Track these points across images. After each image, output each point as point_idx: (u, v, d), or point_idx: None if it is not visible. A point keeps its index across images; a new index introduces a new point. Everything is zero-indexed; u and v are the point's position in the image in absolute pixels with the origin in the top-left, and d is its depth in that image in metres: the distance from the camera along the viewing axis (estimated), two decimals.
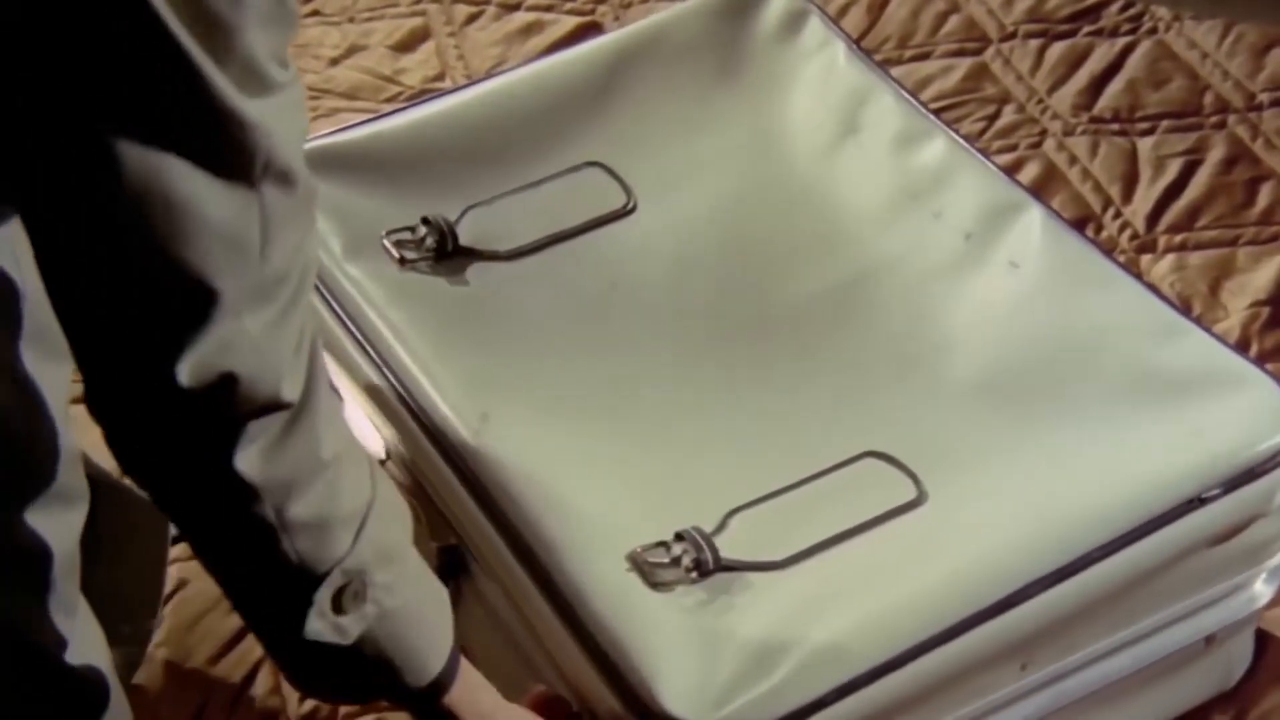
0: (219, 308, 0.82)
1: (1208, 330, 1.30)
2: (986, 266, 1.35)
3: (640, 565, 1.12)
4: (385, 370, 1.27)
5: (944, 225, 1.38)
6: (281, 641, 0.97)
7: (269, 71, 0.80)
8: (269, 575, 0.93)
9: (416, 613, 1.00)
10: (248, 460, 0.87)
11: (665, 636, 1.08)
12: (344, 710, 1.41)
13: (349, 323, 1.30)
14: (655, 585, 1.11)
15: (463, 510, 1.20)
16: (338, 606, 0.93)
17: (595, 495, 1.17)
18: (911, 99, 1.49)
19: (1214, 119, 2.02)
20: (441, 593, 1.04)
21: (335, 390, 1.09)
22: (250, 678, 1.43)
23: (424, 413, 1.23)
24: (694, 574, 1.12)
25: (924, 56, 2.10)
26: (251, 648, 1.44)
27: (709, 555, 1.12)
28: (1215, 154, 1.96)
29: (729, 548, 1.13)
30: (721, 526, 1.14)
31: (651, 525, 1.14)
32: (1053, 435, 1.22)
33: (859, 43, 1.58)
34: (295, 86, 0.83)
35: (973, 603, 1.11)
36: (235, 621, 1.45)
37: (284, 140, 0.82)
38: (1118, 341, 1.28)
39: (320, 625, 0.93)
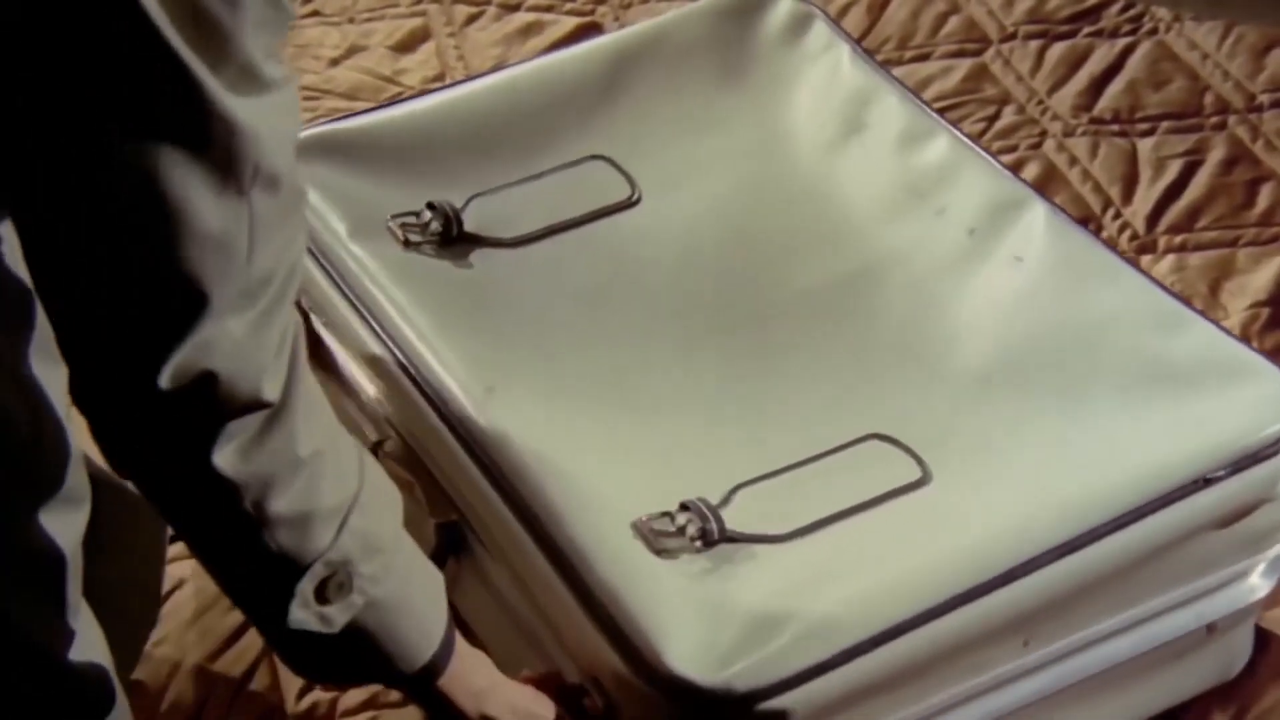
0: (205, 311, 0.82)
1: (1211, 321, 1.31)
2: (990, 261, 1.35)
3: (645, 533, 1.13)
4: (389, 343, 1.28)
5: (947, 222, 1.38)
6: (272, 628, 0.98)
7: (265, 71, 0.81)
8: (252, 567, 0.94)
9: (406, 601, 1.00)
10: (225, 458, 0.88)
11: (670, 601, 1.09)
12: (341, 707, 1.41)
13: (353, 298, 1.31)
14: (659, 553, 1.12)
15: (466, 481, 1.20)
16: (322, 597, 0.95)
17: (600, 468, 1.18)
18: (916, 99, 1.50)
19: (1214, 120, 2.02)
20: (435, 579, 1.05)
21: (343, 377, 1.08)
22: (249, 674, 1.42)
23: (428, 384, 1.24)
24: (699, 543, 1.12)
25: (924, 57, 2.10)
26: (250, 645, 1.44)
27: (714, 525, 1.12)
28: (1215, 155, 1.97)
29: (734, 521, 1.13)
30: (726, 500, 1.15)
31: (656, 498, 1.15)
32: (1058, 421, 1.23)
33: (859, 43, 1.58)
34: (289, 87, 0.84)
35: (976, 575, 1.12)
36: (234, 619, 1.45)
37: (273, 145, 0.82)
38: (1122, 332, 1.29)
39: (304, 615, 0.95)
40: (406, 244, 1.36)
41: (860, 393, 1.27)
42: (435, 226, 1.36)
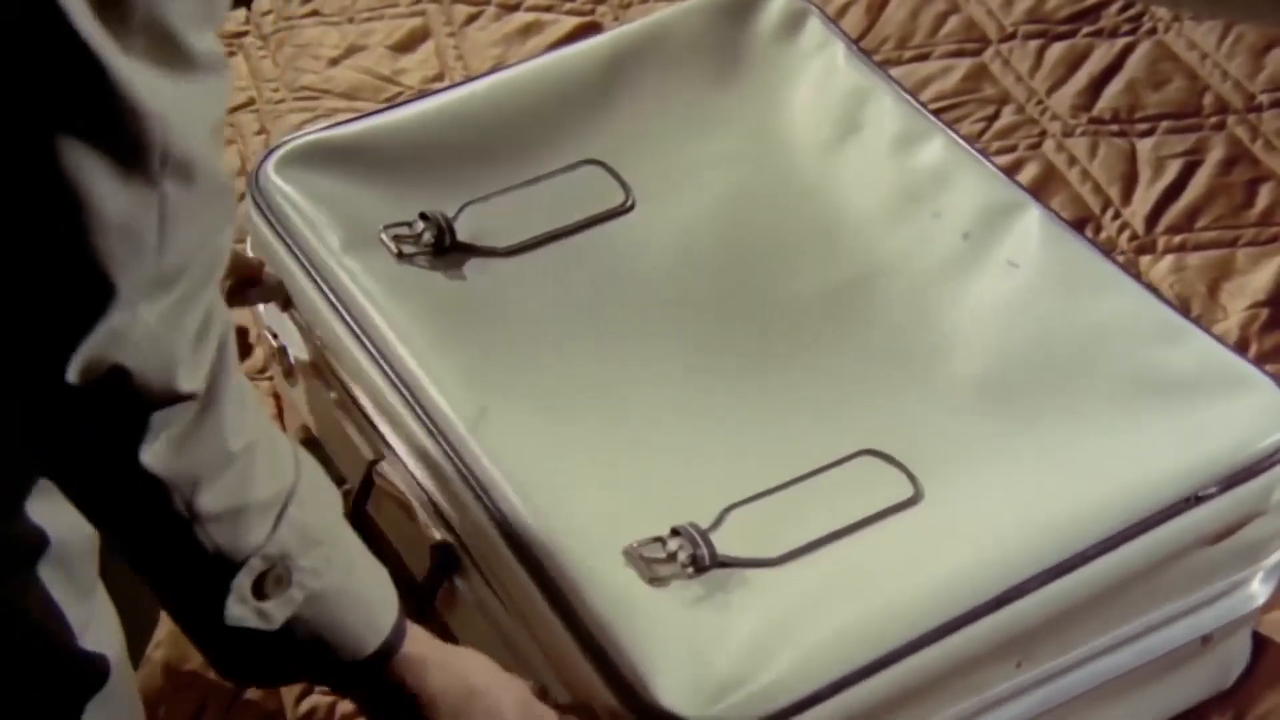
0: (113, 301, 0.79)
1: (1207, 331, 1.30)
2: (985, 266, 1.35)
3: (637, 560, 1.12)
4: (382, 363, 1.27)
5: (943, 225, 1.38)
6: (205, 629, 0.94)
7: (191, 43, 0.77)
8: (186, 565, 0.90)
9: (348, 593, 0.97)
10: (154, 454, 0.84)
11: (661, 632, 1.09)
12: (340, 711, 1.41)
13: (346, 315, 1.31)
14: (652, 580, 1.12)
15: (458, 503, 1.20)
16: (260, 592, 0.91)
17: (592, 491, 1.18)
18: (911, 99, 1.49)
19: (1213, 120, 2.02)
20: (379, 570, 1.02)
21: (340, 392, 1.07)
22: None
23: (421, 407, 1.24)
24: (690, 570, 1.12)
25: (923, 57, 2.10)
26: None
27: (705, 551, 1.12)
28: (1214, 155, 1.96)
29: (725, 544, 1.13)
30: (718, 522, 1.15)
31: (648, 521, 1.14)
32: (1051, 434, 1.22)
33: (858, 43, 1.58)
34: (220, 70, 0.80)
35: (968, 599, 1.12)
36: None
37: (187, 130, 0.78)
38: (1117, 342, 1.28)
39: (241, 611, 0.91)
40: (400, 256, 1.35)
41: (853, 406, 1.26)
42: (428, 237, 1.36)
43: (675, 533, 1.13)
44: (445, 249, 1.36)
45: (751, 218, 1.42)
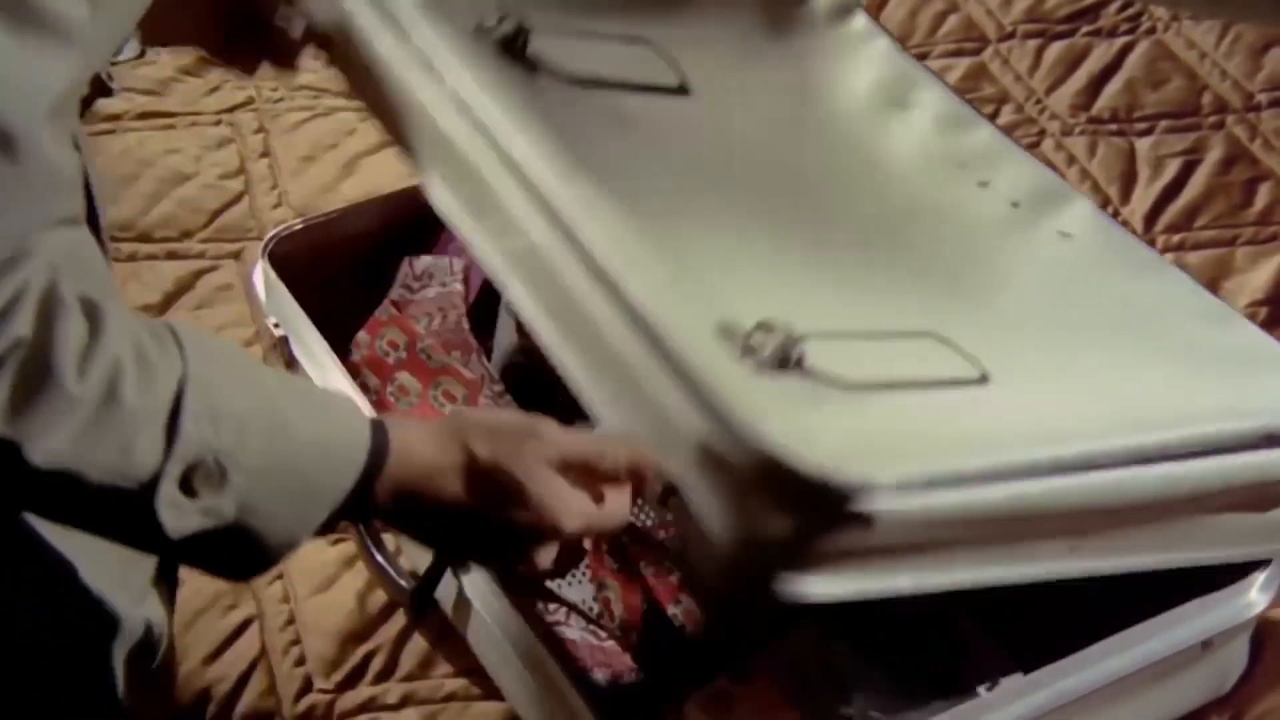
0: None
1: (1250, 321, 1.30)
2: (1036, 231, 1.34)
3: (729, 339, 1.07)
4: (462, 106, 1.23)
5: (990, 192, 1.37)
6: (171, 550, 0.85)
7: (46, 3, 0.71)
8: (101, 507, 0.82)
9: (299, 445, 0.87)
10: None
11: (761, 392, 1.03)
12: (339, 710, 1.41)
13: (420, 56, 1.26)
14: (743, 359, 1.06)
15: (535, 252, 1.16)
16: (192, 493, 0.83)
17: (677, 273, 1.13)
18: (957, 94, 1.49)
19: (1212, 119, 2.02)
20: (331, 399, 0.92)
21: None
22: (245, 677, 1.42)
23: (502, 142, 1.20)
24: (774, 364, 1.05)
25: (922, 56, 2.10)
26: (247, 647, 1.44)
27: (792, 349, 1.05)
28: (1213, 154, 1.97)
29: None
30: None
31: (734, 315, 1.09)
32: (1119, 359, 1.20)
33: None
34: (69, 43, 0.73)
35: (1040, 453, 1.07)
36: (231, 621, 1.45)
37: (12, 98, 0.71)
38: (1172, 313, 1.28)
39: (184, 521, 0.82)
40: (476, 30, 1.28)
41: (915, 300, 1.23)
42: (506, 29, 1.30)
43: (760, 326, 1.07)
44: (515, 51, 1.30)
45: (799, 148, 1.40)
